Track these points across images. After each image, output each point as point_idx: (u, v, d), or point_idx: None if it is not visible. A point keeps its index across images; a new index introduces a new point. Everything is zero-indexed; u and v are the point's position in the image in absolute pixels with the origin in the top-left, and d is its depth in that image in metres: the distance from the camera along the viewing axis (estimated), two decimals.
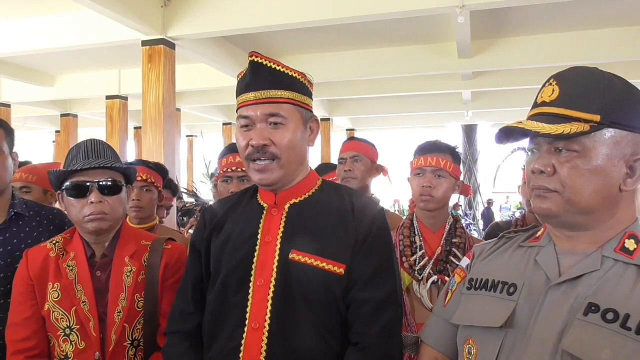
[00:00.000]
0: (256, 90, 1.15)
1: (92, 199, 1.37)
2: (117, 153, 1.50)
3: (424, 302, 1.63)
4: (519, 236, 1.07)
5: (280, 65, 1.17)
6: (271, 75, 1.16)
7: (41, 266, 1.41)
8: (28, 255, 1.44)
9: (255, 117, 1.15)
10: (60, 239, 1.47)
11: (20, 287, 1.41)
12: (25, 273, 1.41)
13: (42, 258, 1.42)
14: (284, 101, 1.15)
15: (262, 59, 1.17)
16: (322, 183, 1.26)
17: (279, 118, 1.15)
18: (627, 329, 0.80)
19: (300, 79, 1.20)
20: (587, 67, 0.94)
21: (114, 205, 1.40)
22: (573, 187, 0.88)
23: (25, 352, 1.36)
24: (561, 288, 0.89)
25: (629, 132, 0.88)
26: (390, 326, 1.13)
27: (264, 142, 1.13)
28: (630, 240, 0.89)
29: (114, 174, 1.42)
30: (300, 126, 1.18)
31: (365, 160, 2.25)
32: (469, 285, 1.05)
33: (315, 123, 1.24)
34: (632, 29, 5.30)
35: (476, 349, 0.96)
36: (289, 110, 1.16)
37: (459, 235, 1.73)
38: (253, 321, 1.10)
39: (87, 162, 1.38)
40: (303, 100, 1.19)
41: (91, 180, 1.38)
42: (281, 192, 1.20)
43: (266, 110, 1.14)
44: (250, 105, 1.15)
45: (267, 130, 1.14)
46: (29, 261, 1.42)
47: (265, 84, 1.15)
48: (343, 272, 1.12)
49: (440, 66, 6.07)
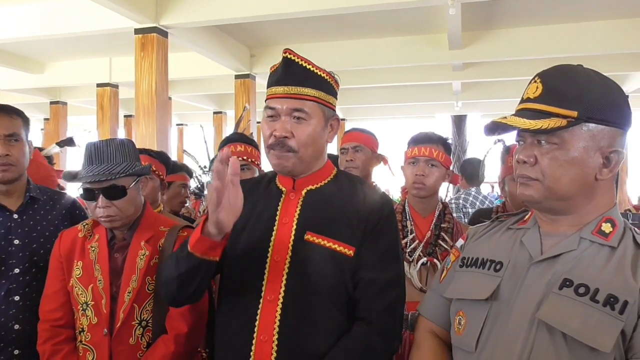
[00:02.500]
0: (286, 85, 1.23)
1: (99, 204, 1.45)
2: (129, 149, 1.52)
3: (413, 282, 1.74)
4: (509, 220, 1.17)
5: (311, 65, 1.25)
6: (301, 73, 1.23)
7: (70, 245, 1.54)
8: (62, 235, 1.57)
9: (281, 110, 1.23)
10: (90, 221, 1.58)
11: (53, 263, 1.55)
12: (57, 251, 1.55)
13: (72, 238, 1.55)
14: (309, 99, 1.23)
15: (295, 56, 1.24)
16: (337, 172, 1.35)
17: (303, 114, 1.22)
18: (595, 301, 0.90)
19: (328, 79, 1.27)
20: (570, 65, 1.03)
21: (122, 207, 1.47)
22: (552, 176, 0.98)
23: (51, 322, 1.51)
24: (541, 265, 0.99)
25: (605, 126, 0.96)
26: (394, 304, 1.23)
27: (285, 134, 1.21)
28: (606, 224, 0.99)
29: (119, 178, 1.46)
30: (321, 123, 1.26)
31: (366, 150, 2.31)
32: (461, 263, 1.15)
33: (335, 121, 1.31)
34: (621, 22, 5.39)
35: (465, 319, 1.06)
36: (313, 107, 1.23)
37: (447, 221, 1.84)
38: (269, 294, 1.19)
39: (90, 169, 1.45)
40: (327, 100, 1.27)
41: (96, 187, 1.45)
42: (299, 179, 1.29)
43: (292, 105, 1.22)
44: (278, 98, 1.23)
45: (290, 123, 1.22)
46: (62, 240, 1.56)
47: (294, 80, 1.22)
48: (353, 254, 1.22)
49: (431, 57, 6.13)
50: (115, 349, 1.43)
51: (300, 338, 1.17)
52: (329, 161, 1.35)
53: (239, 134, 2.17)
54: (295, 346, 1.17)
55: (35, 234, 1.72)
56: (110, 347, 1.43)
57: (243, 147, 2.07)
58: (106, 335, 1.44)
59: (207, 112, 10.96)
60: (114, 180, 1.44)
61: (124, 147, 1.51)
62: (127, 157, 1.50)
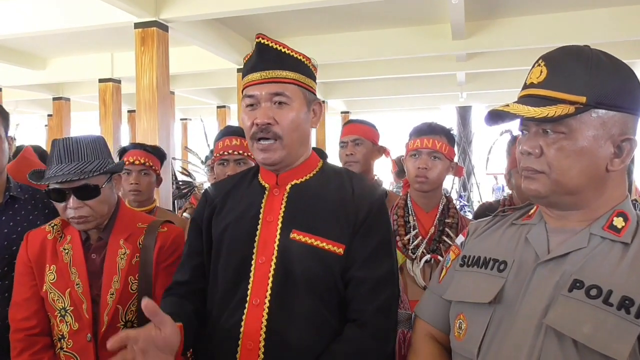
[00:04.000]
0: (262, 70, 1.17)
1: (70, 205, 1.37)
2: (101, 146, 1.44)
3: (417, 280, 1.67)
4: (513, 214, 1.09)
5: (286, 48, 1.20)
6: (277, 57, 1.18)
7: (39, 248, 1.44)
8: (28, 237, 1.47)
9: (260, 96, 1.17)
10: (59, 222, 1.49)
11: (20, 268, 1.45)
12: (24, 255, 1.45)
13: (40, 240, 1.45)
14: (288, 81, 1.17)
15: (268, 40, 1.19)
16: (322, 165, 1.29)
17: (284, 97, 1.17)
18: (609, 304, 0.82)
19: (305, 61, 1.22)
20: (576, 46, 0.94)
21: (95, 207, 1.39)
22: (559, 169, 0.90)
23: (25, 330, 1.41)
24: (549, 265, 0.92)
25: (616, 112, 0.89)
26: (387, 304, 1.16)
27: (268, 120, 1.15)
28: (618, 218, 0.92)
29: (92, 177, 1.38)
30: (304, 107, 1.20)
31: (367, 142, 2.22)
32: (462, 262, 1.08)
33: (318, 106, 1.26)
34: (627, 9, 5.27)
35: (466, 323, 0.99)
36: (294, 90, 1.18)
37: (451, 216, 1.76)
38: (254, 297, 1.13)
39: (59, 168, 1.36)
40: (307, 83, 1.21)
41: (66, 187, 1.36)
42: (283, 173, 1.22)
43: (271, 90, 1.17)
44: (256, 84, 1.18)
45: (271, 109, 1.17)
46: (29, 243, 1.46)
47: (271, 64, 1.17)
48: (342, 252, 1.15)
49: (434, 48, 6.04)
50: (102, 355, 1.36)
51: (288, 344, 1.11)
52: (313, 152, 1.29)
53: (234, 127, 2.12)
54: (283, 353, 1.11)
55: (16, 236, 1.60)
56: (95, 353, 1.37)
57: (238, 141, 2.02)
58: (90, 341, 1.37)
59: (210, 106, 10.96)
60: (87, 179, 1.36)
61: (95, 144, 1.43)
62: (99, 154, 1.42)
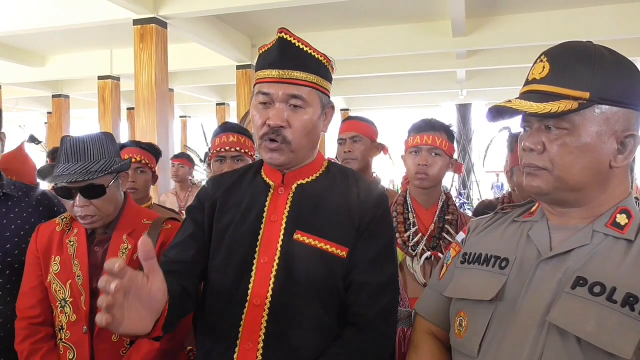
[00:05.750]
0: (281, 68, 1.11)
1: (77, 203, 1.39)
2: (108, 144, 1.44)
3: (416, 277, 1.65)
4: (514, 211, 1.08)
5: (309, 47, 1.14)
6: (298, 55, 1.12)
7: (48, 240, 1.49)
8: (39, 229, 1.52)
9: (275, 95, 1.12)
10: (68, 215, 1.52)
11: (29, 259, 1.50)
12: (34, 246, 1.50)
13: (49, 232, 1.50)
14: (307, 84, 1.12)
15: (291, 37, 1.13)
16: (328, 165, 1.26)
17: (300, 101, 1.12)
18: (612, 301, 0.81)
19: (325, 62, 1.17)
20: (579, 42, 0.93)
21: (100, 205, 1.41)
22: (562, 165, 0.89)
23: (29, 319, 1.45)
24: (551, 262, 0.91)
25: (619, 108, 0.88)
26: (389, 309, 1.14)
27: (281, 123, 1.11)
28: (622, 214, 0.91)
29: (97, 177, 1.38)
30: (318, 111, 1.16)
31: (365, 139, 2.19)
32: (462, 259, 1.07)
33: (330, 109, 1.21)
34: (629, 6, 5.25)
35: (467, 321, 0.98)
36: (311, 94, 1.13)
37: (451, 212, 1.75)
38: (255, 297, 1.11)
39: (66, 167, 1.37)
40: (324, 86, 1.17)
41: (73, 185, 1.38)
42: (290, 172, 1.19)
43: (288, 91, 1.11)
44: (273, 82, 1.12)
45: (286, 111, 1.12)
46: (38, 235, 1.51)
47: (291, 63, 1.11)
48: (346, 255, 1.13)
49: (434, 45, 6.03)
50: (97, 347, 1.39)
51: (287, 346, 1.09)
52: (320, 152, 1.26)
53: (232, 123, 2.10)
54: (282, 354, 1.09)
55: (9, 234, 1.60)
56: (91, 345, 1.39)
57: (236, 138, 2.00)
58: (86, 333, 1.39)
59: (210, 103, 10.93)
60: (92, 179, 1.37)
61: (102, 142, 1.43)
62: (106, 153, 1.42)
